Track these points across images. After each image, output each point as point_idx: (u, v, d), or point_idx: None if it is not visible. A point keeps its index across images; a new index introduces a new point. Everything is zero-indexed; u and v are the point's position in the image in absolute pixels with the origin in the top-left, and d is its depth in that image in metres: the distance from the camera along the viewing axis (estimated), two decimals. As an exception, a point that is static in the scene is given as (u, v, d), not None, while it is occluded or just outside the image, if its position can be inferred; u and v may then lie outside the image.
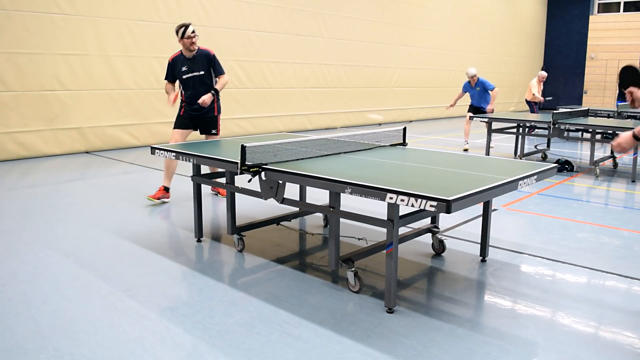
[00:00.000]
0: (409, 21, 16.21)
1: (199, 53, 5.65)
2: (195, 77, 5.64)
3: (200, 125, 5.85)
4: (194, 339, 2.82)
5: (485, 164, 3.83)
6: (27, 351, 2.70)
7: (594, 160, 7.78)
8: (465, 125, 10.41)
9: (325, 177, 3.15)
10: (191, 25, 5.56)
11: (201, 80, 5.66)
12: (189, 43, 5.54)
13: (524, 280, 3.72)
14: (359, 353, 2.70)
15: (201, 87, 5.66)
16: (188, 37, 5.52)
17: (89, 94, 9.21)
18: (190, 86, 5.68)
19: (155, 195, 5.68)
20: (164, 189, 5.74)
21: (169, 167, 5.73)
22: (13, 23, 8.20)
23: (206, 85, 5.68)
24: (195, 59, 5.64)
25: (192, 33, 5.54)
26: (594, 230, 4.99)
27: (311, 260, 4.14)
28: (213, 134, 5.90)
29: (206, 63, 5.67)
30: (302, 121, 13.17)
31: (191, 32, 5.53)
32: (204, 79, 5.67)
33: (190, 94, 5.70)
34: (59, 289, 3.47)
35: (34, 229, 4.78)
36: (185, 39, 5.53)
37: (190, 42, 5.54)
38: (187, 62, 5.63)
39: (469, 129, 10.44)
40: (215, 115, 5.85)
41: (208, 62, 5.68)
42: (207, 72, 5.69)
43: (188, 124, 5.78)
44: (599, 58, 22.88)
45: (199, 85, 5.66)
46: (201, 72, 5.65)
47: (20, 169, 7.84)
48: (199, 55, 5.65)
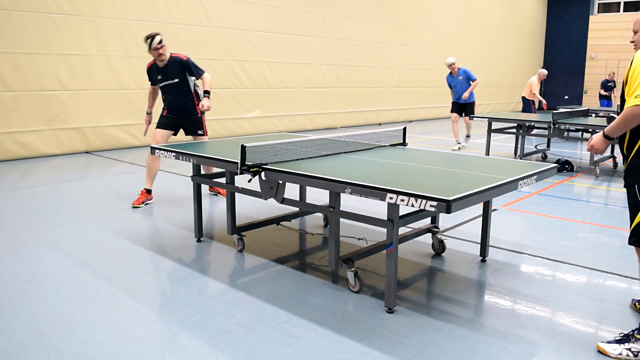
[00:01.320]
0: (409, 21, 16.21)
1: (171, 61, 5.62)
2: (171, 84, 5.65)
3: (185, 128, 5.88)
4: (194, 339, 2.82)
5: (485, 164, 3.83)
6: (27, 351, 2.70)
7: (594, 160, 7.78)
8: (453, 126, 10.41)
9: (325, 177, 3.15)
10: (158, 35, 5.51)
11: (177, 87, 5.66)
12: (157, 54, 5.53)
13: (524, 280, 3.72)
14: (359, 353, 2.70)
15: (179, 93, 5.68)
16: (154, 48, 5.49)
17: (89, 94, 9.22)
18: (168, 93, 5.72)
19: (137, 200, 5.63)
20: (146, 191, 5.73)
21: (151, 169, 5.72)
22: (13, 23, 8.20)
23: (183, 91, 5.68)
24: (168, 67, 5.62)
25: (159, 44, 5.48)
26: (594, 230, 4.99)
27: (311, 260, 4.14)
28: (200, 134, 5.91)
29: (180, 70, 5.64)
30: (302, 121, 13.17)
31: (157, 43, 5.47)
32: (180, 86, 5.66)
33: (169, 101, 5.74)
34: (59, 289, 3.47)
35: (34, 229, 4.78)
36: (152, 51, 5.53)
37: (158, 53, 5.51)
38: (161, 71, 5.64)
39: (457, 129, 10.45)
40: (199, 116, 5.87)
41: (182, 69, 5.64)
42: (182, 78, 5.65)
43: (170, 126, 5.80)
44: (599, 58, 22.89)
45: (176, 92, 5.68)
46: (176, 80, 5.63)
47: (20, 169, 7.84)
48: (172, 63, 5.61)
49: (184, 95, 5.69)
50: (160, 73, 5.63)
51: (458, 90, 10.21)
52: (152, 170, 5.72)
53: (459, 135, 10.45)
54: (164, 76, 5.63)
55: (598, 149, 2.97)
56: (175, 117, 5.77)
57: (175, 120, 5.78)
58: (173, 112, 5.76)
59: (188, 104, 5.73)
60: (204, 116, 5.90)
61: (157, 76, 5.67)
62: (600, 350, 2.72)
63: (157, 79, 5.68)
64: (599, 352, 2.72)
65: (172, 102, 5.71)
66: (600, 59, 22.85)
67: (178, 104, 5.71)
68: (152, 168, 5.72)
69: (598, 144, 2.96)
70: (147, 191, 5.73)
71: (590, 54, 23.17)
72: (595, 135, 2.97)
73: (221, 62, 11.18)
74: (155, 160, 5.71)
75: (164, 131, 5.75)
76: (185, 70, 5.63)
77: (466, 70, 10.17)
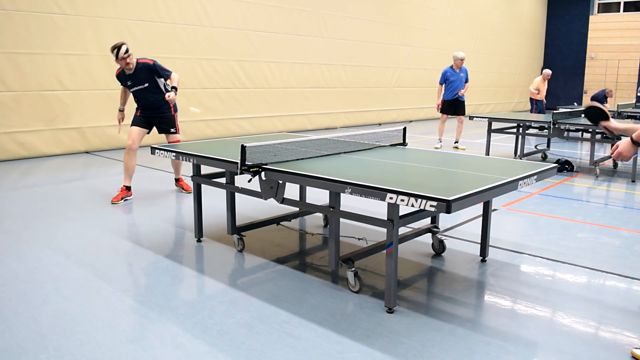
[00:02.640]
0: (409, 21, 16.20)
1: (139, 67, 5.79)
2: (142, 89, 5.86)
3: (158, 125, 6.07)
4: (194, 339, 2.82)
5: (485, 164, 3.83)
6: (27, 351, 2.70)
7: (594, 160, 7.78)
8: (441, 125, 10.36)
9: (325, 177, 3.15)
10: (124, 45, 5.64)
11: (148, 90, 5.86)
12: (124, 64, 5.70)
13: (524, 280, 3.72)
14: (359, 353, 2.70)
15: (150, 95, 5.90)
16: (122, 58, 5.65)
17: (89, 94, 9.22)
18: (140, 96, 5.93)
19: (117, 197, 5.80)
20: (125, 188, 5.90)
21: (128, 167, 5.91)
22: (13, 23, 8.20)
23: (154, 92, 5.89)
24: (136, 73, 5.81)
25: (125, 54, 5.63)
26: (594, 230, 4.99)
27: (311, 260, 4.14)
28: (172, 132, 6.10)
29: (148, 74, 5.82)
30: (302, 121, 13.17)
31: (124, 52, 5.62)
32: (151, 89, 5.87)
33: (142, 102, 5.96)
34: (59, 289, 3.47)
35: (34, 229, 4.78)
36: (119, 61, 5.68)
37: (125, 62, 5.68)
38: (130, 77, 5.83)
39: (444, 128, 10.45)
40: (172, 114, 6.08)
41: (150, 73, 5.82)
42: (151, 82, 5.84)
43: (144, 124, 6.02)
44: (599, 58, 22.89)
45: (148, 95, 5.90)
46: (145, 85, 5.83)
47: (20, 169, 7.84)
48: (140, 69, 5.80)
49: (155, 96, 5.91)
50: (129, 79, 5.84)
51: (456, 87, 10.06)
52: (129, 168, 5.92)
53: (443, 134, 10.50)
54: (133, 82, 5.84)
55: (626, 156, 2.76)
56: (149, 116, 6.00)
57: (149, 118, 6.01)
58: (146, 111, 6.00)
59: (160, 103, 5.97)
60: (176, 114, 6.14)
61: (127, 82, 5.87)
62: (636, 357, 2.66)
63: (128, 85, 5.88)
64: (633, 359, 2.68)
65: (145, 104, 5.96)
66: (600, 59, 22.85)
67: (151, 105, 5.96)
68: (129, 166, 5.92)
69: (626, 150, 2.74)
70: (127, 188, 5.93)
71: (590, 54, 23.17)
72: (622, 142, 2.76)
73: (221, 62, 11.18)
74: (131, 159, 5.92)
75: (139, 129, 5.97)
76: (154, 73, 5.82)
77: (466, 70, 10.13)
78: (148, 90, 5.84)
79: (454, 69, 10.07)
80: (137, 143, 5.93)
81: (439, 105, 10.29)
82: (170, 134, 6.09)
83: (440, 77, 10.24)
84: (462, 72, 10.05)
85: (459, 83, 10.07)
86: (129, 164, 5.90)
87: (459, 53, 10.04)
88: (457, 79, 10.06)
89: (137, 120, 5.99)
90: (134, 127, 5.96)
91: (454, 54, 10.15)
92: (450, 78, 10.10)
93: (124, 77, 5.85)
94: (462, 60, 9.97)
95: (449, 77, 10.11)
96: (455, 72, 10.07)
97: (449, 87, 10.15)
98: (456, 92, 10.08)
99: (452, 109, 10.22)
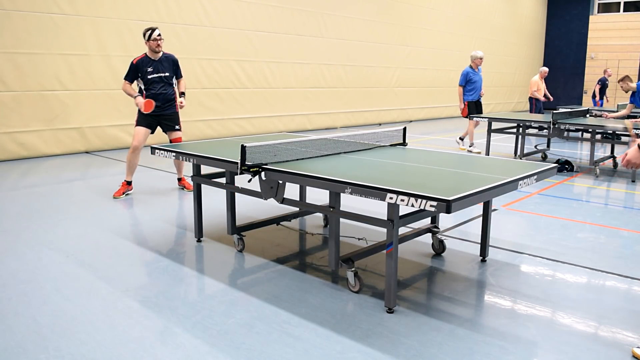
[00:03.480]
0: (409, 21, 16.21)
1: (164, 56, 6.04)
2: (162, 77, 5.99)
3: (163, 123, 6.15)
4: (194, 339, 2.82)
5: (485, 164, 3.83)
6: (27, 351, 2.70)
7: (594, 160, 7.78)
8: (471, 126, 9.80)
9: (325, 177, 3.15)
10: (157, 29, 5.90)
11: (166, 81, 6.02)
12: (155, 45, 5.88)
13: (524, 280, 3.72)
14: (359, 353, 2.70)
15: (164, 87, 6.02)
16: (154, 39, 5.87)
17: (89, 94, 9.22)
18: (155, 86, 5.98)
19: (118, 192, 6.00)
20: (127, 183, 6.09)
21: (132, 164, 6.05)
22: (13, 23, 8.20)
23: (169, 85, 6.05)
24: (162, 61, 6.01)
25: (159, 36, 5.91)
26: (594, 230, 4.99)
27: (311, 260, 4.14)
28: (177, 129, 6.19)
29: (171, 65, 6.06)
30: (302, 121, 13.17)
31: (157, 34, 5.88)
32: (169, 80, 6.05)
33: (153, 94, 5.99)
34: (59, 289, 3.47)
35: (34, 229, 4.78)
36: (151, 41, 5.87)
37: (157, 44, 5.89)
38: (153, 64, 5.96)
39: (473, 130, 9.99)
40: (177, 111, 6.20)
41: (174, 66, 6.12)
42: (171, 73, 6.07)
43: (152, 124, 6.09)
44: (599, 58, 22.89)
45: (164, 85, 6.01)
46: (167, 74, 6.04)
47: (20, 169, 7.84)
48: (165, 59, 6.04)
49: (168, 89, 6.06)
50: (151, 65, 5.94)
51: (478, 87, 9.73)
52: (132, 166, 6.07)
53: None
54: (155, 69, 5.94)
55: (635, 163, 2.75)
56: (154, 115, 6.03)
57: (154, 117, 6.06)
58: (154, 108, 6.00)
59: (171, 97, 6.11)
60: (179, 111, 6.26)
61: (147, 68, 5.93)
62: (636, 356, 2.66)
63: (147, 71, 5.93)
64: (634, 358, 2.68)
65: (156, 94, 5.98)
66: (600, 59, 22.85)
67: (163, 96, 6.01)
68: (132, 164, 6.06)
69: (635, 157, 2.73)
70: (127, 182, 6.07)
71: (590, 54, 23.17)
72: (630, 150, 2.75)
73: (221, 62, 11.18)
74: (135, 157, 6.05)
75: (144, 129, 6.05)
76: (175, 67, 6.11)
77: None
78: (166, 80, 5.99)
79: (473, 68, 9.71)
80: (143, 143, 6.04)
81: (463, 109, 9.79)
82: (174, 131, 6.15)
83: (460, 79, 9.80)
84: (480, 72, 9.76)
85: (480, 83, 9.75)
86: (133, 162, 6.04)
87: (478, 52, 9.66)
88: (479, 79, 9.72)
89: (142, 120, 6.02)
90: (139, 127, 6.02)
91: (472, 53, 9.73)
92: (473, 78, 9.70)
93: (146, 63, 5.92)
94: (481, 59, 9.63)
95: (471, 78, 9.70)
96: (476, 72, 9.74)
97: (471, 88, 9.74)
98: (479, 92, 9.77)
99: (478, 111, 9.86)
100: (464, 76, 9.76)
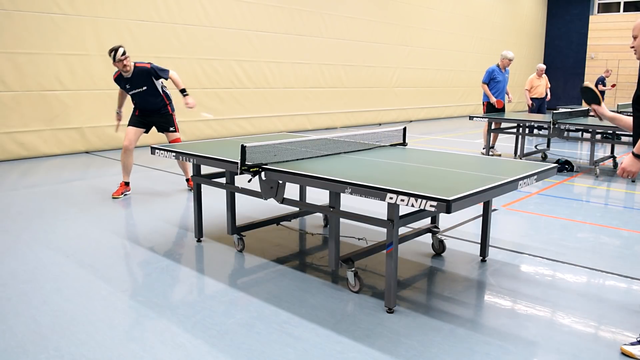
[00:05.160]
0: (409, 21, 16.20)
1: (136, 71, 5.85)
2: (140, 92, 5.92)
3: (157, 125, 6.13)
4: (194, 339, 2.82)
5: (485, 164, 3.83)
6: (27, 351, 2.70)
7: (594, 160, 7.78)
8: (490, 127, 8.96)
9: (325, 177, 3.15)
10: (121, 47, 5.71)
11: (146, 93, 5.93)
12: (121, 66, 5.74)
13: (524, 280, 3.72)
14: (359, 353, 2.70)
15: (149, 97, 5.96)
16: (119, 60, 5.69)
17: (89, 94, 9.21)
18: (139, 99, 5.98)
19: (117, 192, 5.99)
20: (125, 184, 6.07)
21: (126, 165, 6.04)
22: (13, 23, 8.19)
23: (153, 95, 5.97)
24: (134, 76, 5.86)
25: (122, 56, 5.67)
26: (594, 230, 4.99)
27: (311, 260, 4.14)
28: (172, 131, 6.15)
29: (146, 78, 5.90)
30: (302, 121, 13.17)
31: (121, 55, 5.66)
32: (149, 92, 5.94)
33: (140, 105, 6.00)
34: (59, 289, 3.47)
35: (34, 229, 4.78)
36: (117, 63, 5.72)
37: (122, 64, 5.72)
38: (128, 80, 5.88)
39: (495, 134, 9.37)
40: (170, 113, 6.14)
41: (148, 76, 5.89)
42: (149, 85, 5.91)
43: (141, 124, 6.08)
44: (599, 58, 22.88)
45: (146, 97, 5.96)
46: (144, 88, 5.89)
47: (20, 169, 7.84)
48: (138, 73, 5.86)
49: (153, 98, 5.99)
50: (127, 82, 5.88)
51: (502, 88, 9.16)
52: (127, 166, 6.06)
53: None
54: (131, 85, 5.88)
55: (631, 171, 2.76)
56: (147, 116, 6.04)
57: (147, 118, 6.06)
58: (144, 113, 6.05)
59: (159, 105, 6.05)
60: (174, 114, 6.19)
61: (125, 85, 5.91)
62: (625, 352, 2.68)
63: (126, 88, 5.92)
64: (623, 355, 2.69)
65: (143, 106, 6.01)
66: (600, 59, 22.85)
67: (149, 107, 6.01)
68: (126, 164, 6.06)
69: (629, 165, 2.74)
70: (126, 183, 6.08)
71: (590, 54, 23.16)
72: (625, 159, 2.77)
73: (221, 62, 11.18)
74: (128, 158, 6.03)
75: (135, 129, 6.03)
76: (152, 76, 5.88)
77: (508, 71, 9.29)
78: (147, 93, 5.91)
79: (500, 68, 9.11)
80: (134, 143, 6.02)
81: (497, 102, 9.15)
82: (169, 132, 6.14)
83: (484, 76, 9.19)
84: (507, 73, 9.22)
85: (505, 84, 9.18)
86: (127, 162, 6.03)
87: (509, 53, 9.05)
88: (504, 80, 9.13)
89: (134, 120, 6.05)
90: (130, 127, 6.02)
91: (503, 53, 9.09)
92: (498, 78, 9.10)
93: (122, 80, 5.90)
94: (510, 61, 9.05)
95: (495, 77, 9.11)
96: (502, 72, 9.12)
97: (494, 88, 9.19)
98: (502, 94, 9.23)
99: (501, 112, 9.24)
100: (489, 74, 9.15)
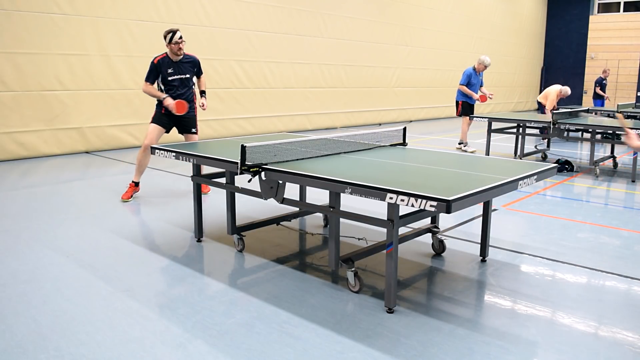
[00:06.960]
0: (409, 21, 16.20)
1: (185, 58, 5.85)
2: (182, 79, 5.85)
3: (180, 125, 6.02)
4: (194, 339, 2.82)
5: (485, 164, 3.83)
6: (27, 351, 2.70)
7: (594, 160, 7.78)
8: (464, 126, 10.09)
9: (325, 177, 3.15)
10: (179, 31, 5.70)
11: (186, 83, 5.89)
12: (177, 48, 5.68)
13: (524, 280, 3.72)
14: (359, 353, 2.70)
15: (184, 88, 5.90)
16: (175, 42, 5.66)
17: (89, 94, 9.21)
18: (174, 87, 5.84)
19: (126, 194, 5.85)
20: (134, 184, 5.93)
21: (142, 164, 5.90)
22: (13, 23, 8.19)
23: (189, 86, 5.94)
24: (182, 62, 5.83)
25: (180, 39, 5.67)
26: (594, 230, 4.99)
27: (311, 260, 4.14)
28: (193, 132, 6.08)
29: (192, 67, 5.93)
30: (302, 121, 13.16)
31: (179, 37, 5.66)
32: (189, 82, 5.93)
33: (172, 95, 5.84)
34: (59, 289, 3.47)
35: (34, 229, 4.78)
36: (172, 44, 5.67)
37: (178, 47, 5.68)
38: (174, 65, 5.79)
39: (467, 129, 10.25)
40: (195, 114, 6.10)
41: (194, 67, 5.93)
42: (192, 75, 5.95)
43: (166, 124, 5.93)
44: (599, 58, 22.88)
45: (183, 87, 5.88)
46: (187, 76, 5.89)
47: (20, 169, 7.84)
48: (186, 60, 5.86)
49: (188, 90, 5.95)
50: (171, 67, 5.77)
51: (476, 90, 10.03)
52: (142, 165, 5.92)
53: None
54: (175, 70, 5.78)
55: None
56: (172, 116, 5.89)
57: (172, 118, 5.92)
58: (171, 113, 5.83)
59: (190, 98, 5.98)
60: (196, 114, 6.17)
61: (167, 69, 5.77)
62: None
63: (167, 72, 5.77)
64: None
65: (175, 96, 5.82)
66: (600, 59, 22.85)
67: (182, 99, 5.84)
68: (142, 164, 5.91)
69: None
70: (135, 184, 5.93)
71: (590, 54, 23.16)
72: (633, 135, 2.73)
73: (221, 62, 11.18)
74: (146, 157, 5.88)
75: (159, 128, 5.88)
76: (196, 68, 5.95)
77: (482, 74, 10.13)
78: (187, 81, 5.87)
79: (476, 71, 9.92)
80: (155, 142, 5.77)
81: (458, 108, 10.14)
82: (191, 133, 6.02)
83: (462, 77, 10.00)
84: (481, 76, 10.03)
85: (477, 88, 10.02)
86: (143, 161, 5.88)
87: (487, 59, 9.84)
88: (477, 83, 9.99)
89: (159, 119, 5.85)
90: (154, 125, 5.82)
91: (481, 58, 9.89)
92: (472, 81, 9.93)
93: (166, 64, 5.73)
94: (485, 67, 9.88)
95: (472, 81, 9.94)
96: (477, 76, 9.95)
97: (474, 89, 10.02)
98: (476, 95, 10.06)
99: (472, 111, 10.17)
100: (467, 76, 9.94)
